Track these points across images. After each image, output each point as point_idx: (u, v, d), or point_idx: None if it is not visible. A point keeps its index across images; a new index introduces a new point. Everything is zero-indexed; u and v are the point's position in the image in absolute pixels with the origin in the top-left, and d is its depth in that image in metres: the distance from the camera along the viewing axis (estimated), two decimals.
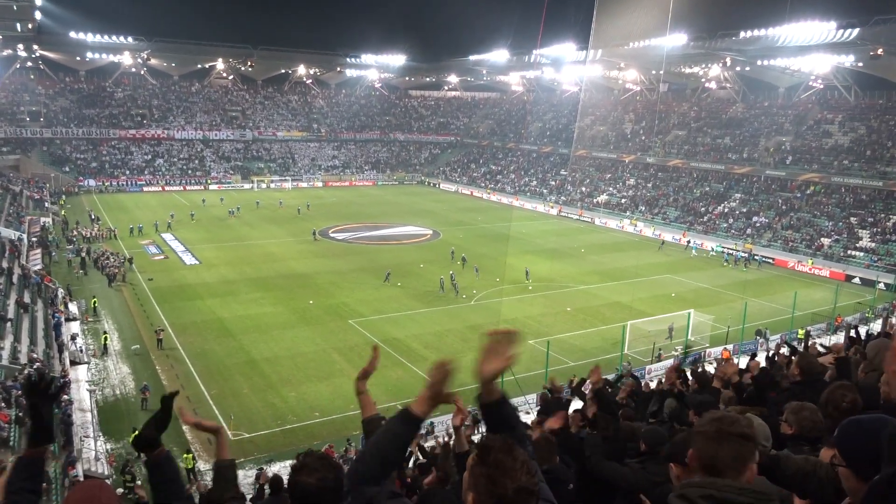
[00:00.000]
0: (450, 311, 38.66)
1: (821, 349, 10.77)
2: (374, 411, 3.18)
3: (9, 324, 30.68)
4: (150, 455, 2.69)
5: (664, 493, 4.16)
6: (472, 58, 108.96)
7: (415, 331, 35.09)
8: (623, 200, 76.76)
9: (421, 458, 11.53)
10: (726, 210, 67.04)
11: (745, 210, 65.80)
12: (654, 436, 4.91)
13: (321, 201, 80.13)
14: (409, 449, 4.31)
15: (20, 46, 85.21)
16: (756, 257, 55.28)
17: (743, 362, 15.00)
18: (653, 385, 14.06)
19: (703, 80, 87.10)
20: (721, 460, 2.36)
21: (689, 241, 60.46)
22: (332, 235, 59.78)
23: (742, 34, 68.87)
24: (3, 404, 22.25)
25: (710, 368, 16.02)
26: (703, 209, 68.86)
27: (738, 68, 79.62)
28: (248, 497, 10.85)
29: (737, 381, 6.82)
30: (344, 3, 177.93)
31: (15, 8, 61.39)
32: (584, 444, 5.15)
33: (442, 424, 24.79)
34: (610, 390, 11.35)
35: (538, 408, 13.20)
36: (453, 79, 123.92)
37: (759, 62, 75.02)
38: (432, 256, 51.71)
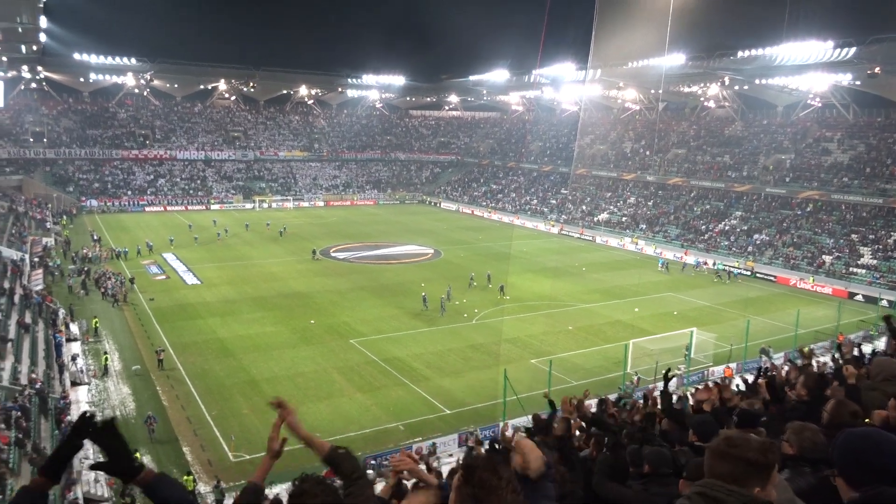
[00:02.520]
0: (451, 331, 38.56)
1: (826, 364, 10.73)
2: (329, 445, 3.11)
3: (10, 344, 30.65)
4: (138, 482, 2.64)
5: None
6: (473, 78, 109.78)
7: (416, 350, 34.98)
8: (623, 219, 76.90)
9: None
10: (727, 228, 67.12)
11: (745, 228, 65.89)
12: (658, 457, 4.89)
13: (322, 221, 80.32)
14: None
15: (24, 68, 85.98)
16: (733, 271, 56.00)
17: (749, 379, 14.90)
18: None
19: (701, 98, 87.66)
20: (719, 476, 2.38)
21: (697, 263, 60.49)
22: (333, 255, 59.83)
23: (740, 53, 69.40)
24: (2, 426, 22.15)
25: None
26: (703, 227, 68.95)
27: (736, 87, 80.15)
28: None
29: (712, 408, 6.81)
30: (345, 24, 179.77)
31: (20, 30, 61.98)
32: (595, 465, 5.14)
33: (444, 445, 24.65)
34: (615, 410, 11.30)
35: (531, 428, 13.13)
36: (454, 98, 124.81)
37: (757, 81, 75.55)
38: (433, 275, 51.71)
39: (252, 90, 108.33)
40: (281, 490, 20.00)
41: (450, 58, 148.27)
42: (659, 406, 9.58)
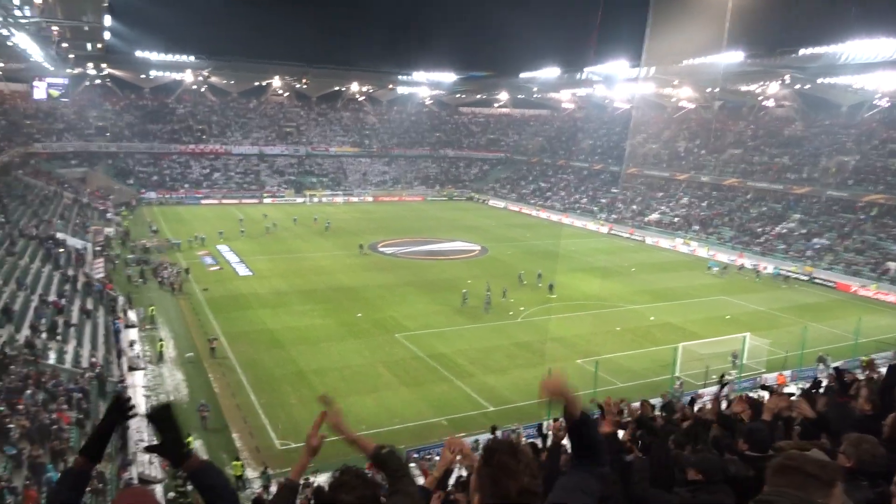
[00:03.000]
0: (497, 328, 38.48)
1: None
2: (373, 444, 3.20)
3: (73, 329, 32.05)
4: (185, 467, 2.73)
5: None
6: (523, 75, 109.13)
7: (461, 346, 35.04)
8: (675, 219, 75.25)
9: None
10: (784, 231, 64.95)
11: (804, 231, 63.62)
12: (708, 464, 4.77)
13: (370, 216, 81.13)
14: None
15: (90, 65, 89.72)
16: (788, 275, 54.43)
17: (802, 387, 14.45)
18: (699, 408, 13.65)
19: (760, 97, 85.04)
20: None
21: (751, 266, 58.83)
22: (380, 250, 60.41)
23: (802, 51, 67.08)
24: (65, 406, 23.18)
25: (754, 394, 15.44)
26: (759, 230, 66.89)
27: (797, 86, 77.49)
28: None
29: (787, 416, 6.57)
30: (397, 22, 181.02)
31: (86, 28, 64.69)
32: (633, 469, 5.05)
33: (481, 442, 24.58)
34: (662, 415, 11.10)
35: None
36: (504, 96, 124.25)
37: (820, 80, 72.85)
38: (480, 272, 51.67)
39: (305, 87, 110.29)
40: (324, 479, 20.38)
41: (500, 55, 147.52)
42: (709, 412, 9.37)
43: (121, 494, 2.36)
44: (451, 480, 12.20)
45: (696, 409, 12.94)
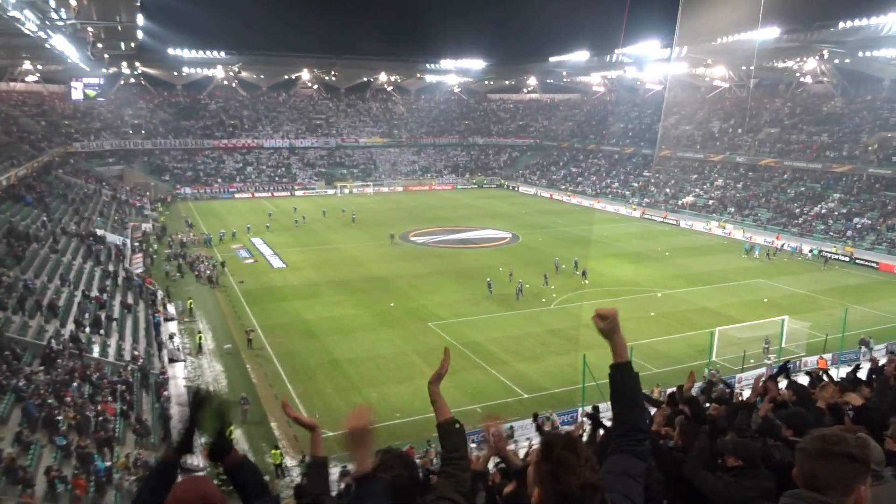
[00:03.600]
0: (529, 315, 38.37)
1: None
2: (449, 415, 3.09)
3: (114, 323, 32.91)
4: (225, 463, 2.80)
5: None
6: (552, 59, 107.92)
7: (493, 334, 35.05)
8: (710, 202, 73.89)
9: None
10: (823, 211, 63.30)
11: (844, 211, 61.91)
12: (748, 450, 4.70)
13: (401, 205, 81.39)
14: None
15: (124, 64, 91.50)
16: (827, 256, 53.10)
17: (842, 372, 14.09)
18: (746, 394, 13.45)
19: (797, 74, 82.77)
20: (821, 479, 2.27)
21: (782, 244, 57.54)
22: (412, 239, 60.61)
23: (841, 25, 64.91)
24: (109, 398, 23.86)
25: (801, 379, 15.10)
26: (797, 210, 65.29)
27: (836, 61, 75.17)
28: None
29: (836, 404, 6.42)
30: (423, 10, 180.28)
31: (119, 28, 65.80)
32: (692, 450, 5.01)
33: (522, 429, 24.66)
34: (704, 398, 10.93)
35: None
36: (532, 81, 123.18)
37: (860, 53, 70.51)
38: (511, 259, 51.52)
39: (333, 78, 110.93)
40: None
41: (529, 40, 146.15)
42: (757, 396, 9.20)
43: (181, 484, 2.44)
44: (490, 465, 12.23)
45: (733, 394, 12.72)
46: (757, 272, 49.03)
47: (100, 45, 73.29)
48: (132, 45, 78.31)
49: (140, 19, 64.51)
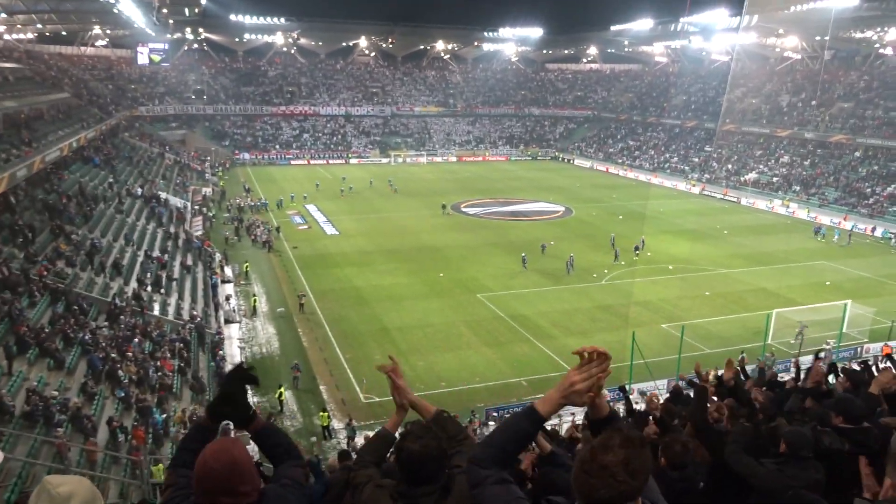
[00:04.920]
0: (579, 290, 37.96)
1: None
2: (435, 408, 3.30)
3: (174, 283, 34.17)
4: (250, 430, 2.87)
5: (797, 498, 3.87)
6: (614, 28, 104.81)
7: (542, 308, 34.84)
8: (775, 179, 71.01)
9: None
10: None
11: None
12: (798, 438, 4.52)
13: (454, 176, 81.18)
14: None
15: (188, 30, 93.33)
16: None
17: None
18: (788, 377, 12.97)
19: (876, 45, 77.98)
20: None
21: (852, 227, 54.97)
22: (463, 210, 60.50)
23: None
24: (168, 354, 24.88)
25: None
26: (868, 190, 62.12)
27: None
28: None
29: (893, 392, 6.11)
30: None
31: None
32: (731, 434, 4.88)
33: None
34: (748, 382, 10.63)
35: (667, 396, 12.67)
36: (592, 51, 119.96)
37: None
38: (563, 233, 50.91)
39: (390, 46, 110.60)
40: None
41: (590, 7, 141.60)
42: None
43: (211, 446, 2.50)
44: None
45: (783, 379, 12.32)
46: (820, 254, 47.09)
47: (164, 11, 74.84)
48: (196, 10, 79.70)
49: None
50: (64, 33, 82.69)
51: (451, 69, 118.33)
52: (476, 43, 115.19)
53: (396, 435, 3.21)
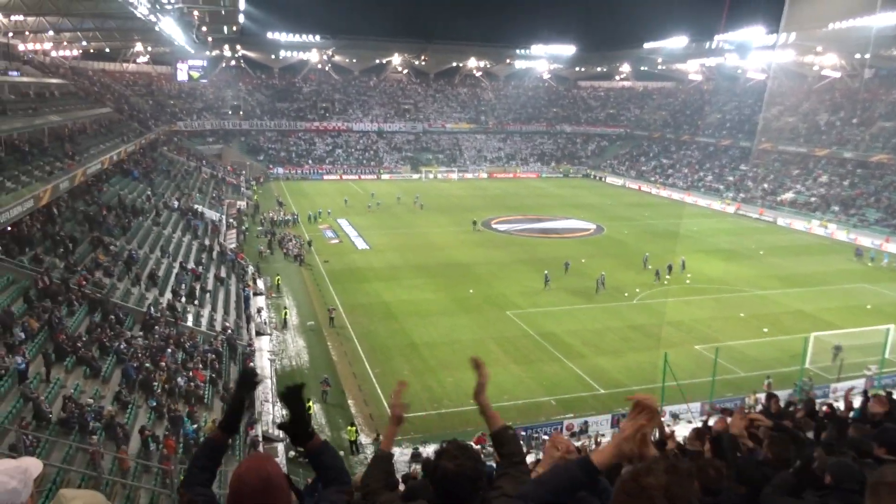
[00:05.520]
0: (610, 309, 37.50)
1: None
2: (502, 422, 3.12)
3: (208, 294, 34.66)
4: (308, 447, 2.86)
5: None
6: (647, 46, 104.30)
7: (572, 326, 34.49)
8: (812, 199, 69.52)
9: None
10: None
11: None
12: (844, 470, 4.35)
13: (485, 192, 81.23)
14: None
15: (226, 47, 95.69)
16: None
17: None
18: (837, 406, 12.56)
19: None
20: None
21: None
22: (494, 227, 60.42)
23: None
24: (200, 365, 25.18)
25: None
26: None
27: None
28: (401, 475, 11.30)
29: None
30: None
31: (223, 12, 68.64)
32: (773, 480, 4.68)
33: (596, 425, 24.19)
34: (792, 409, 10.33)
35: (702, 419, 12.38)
36: (625, 68, 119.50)
37: None
38: (594, 251, 50.46)
39: (423, 64, 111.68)
40: (432, 450, 20.86)
41: (623, 25, 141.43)
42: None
43: (245, 462, 2.51)
44: None
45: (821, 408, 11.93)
46: (860, 276, 45.83)
47: (204, 29, 76.79)
48: (234, 28, 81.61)
49: (242, 3, 67.06)
50: (107, 50, 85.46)
51: (483, 86, 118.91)
52: (508, 60, 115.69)
53: (392, 451, 3.15)
